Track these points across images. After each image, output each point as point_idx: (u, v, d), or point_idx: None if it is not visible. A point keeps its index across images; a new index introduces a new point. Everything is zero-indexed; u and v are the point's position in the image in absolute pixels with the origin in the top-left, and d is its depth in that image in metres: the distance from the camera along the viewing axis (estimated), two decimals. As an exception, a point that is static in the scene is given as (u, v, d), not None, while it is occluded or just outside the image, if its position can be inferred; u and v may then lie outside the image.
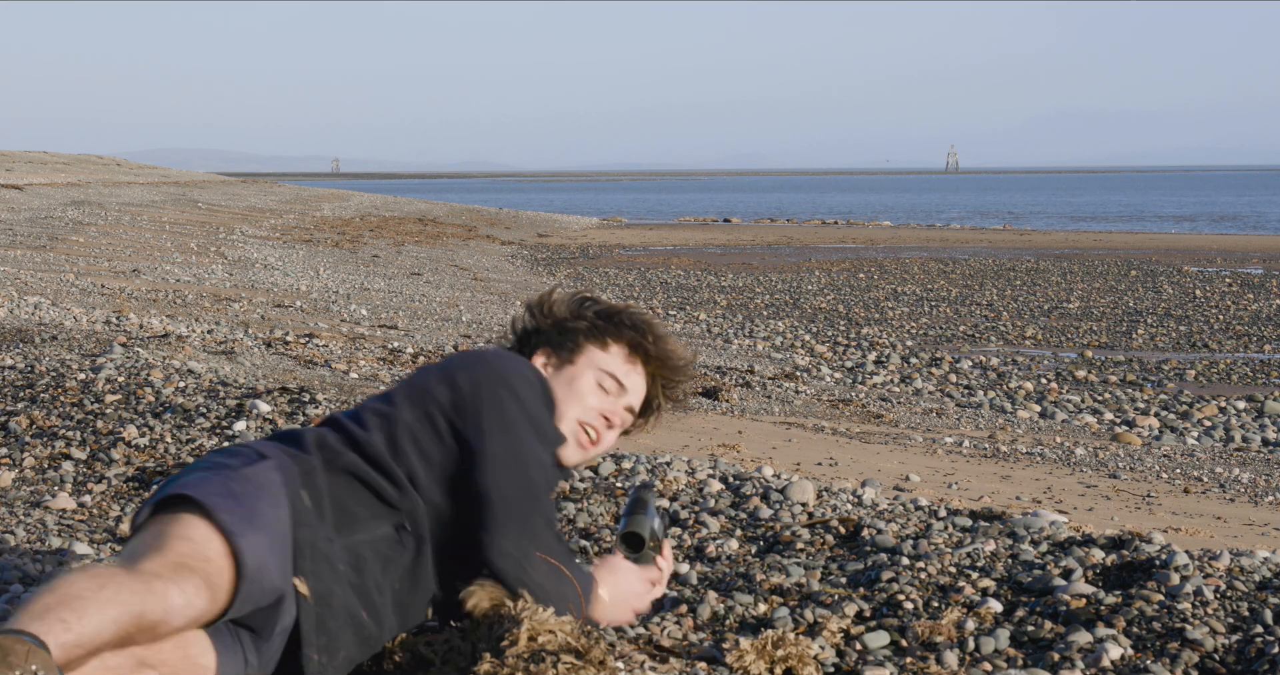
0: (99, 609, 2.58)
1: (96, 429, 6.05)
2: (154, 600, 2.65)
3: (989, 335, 18.01)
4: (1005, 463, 9.02)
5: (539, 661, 3.00)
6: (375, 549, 3.16)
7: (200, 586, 2.73)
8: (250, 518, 2.89)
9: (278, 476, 3.05)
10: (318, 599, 3.03)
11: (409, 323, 15.00)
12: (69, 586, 2.61)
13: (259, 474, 3.02)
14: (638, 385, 3.49)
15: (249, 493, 2.95)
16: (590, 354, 3.46)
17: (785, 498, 5.29)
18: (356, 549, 3.13)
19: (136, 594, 2.63)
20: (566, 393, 3.42)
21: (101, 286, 14.56)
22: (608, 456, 5.92)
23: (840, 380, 13.79)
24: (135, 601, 2.62)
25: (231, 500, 2.90)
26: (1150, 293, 23.49)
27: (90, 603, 2.58)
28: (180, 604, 2.69)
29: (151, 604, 2.65)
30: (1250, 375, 14.83)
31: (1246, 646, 3.60)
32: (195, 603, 2.72)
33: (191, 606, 2.71)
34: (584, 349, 3.47)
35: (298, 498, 3.06)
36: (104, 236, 22.62)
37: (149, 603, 2.64)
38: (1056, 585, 4.08)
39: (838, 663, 3.67)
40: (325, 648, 3.05)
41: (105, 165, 57.73)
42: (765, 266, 28.90)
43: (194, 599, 2.71)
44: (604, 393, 3.45)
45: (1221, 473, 9.20)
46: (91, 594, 2.60)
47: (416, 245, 30.31)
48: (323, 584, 3.05)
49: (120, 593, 2.62)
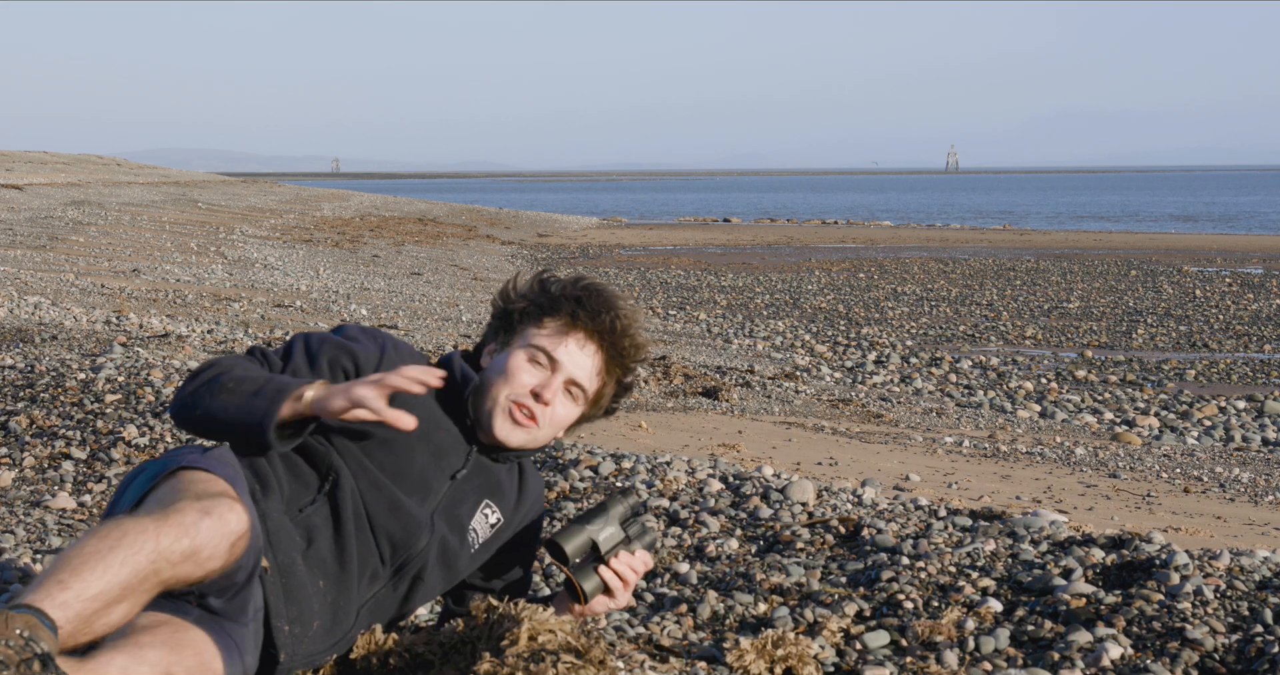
0: (100, 558, 2.58)
1: (96, 429, 6.05)
2: (172, 531, 2.64)
3: (989, 335, 18.02)
4: (1005, 462, 9.02)
5: (539, 661, 3.00)
6: (323, 515, 3.17)
7: (230, 505, 2.73)
8: (235, 478, 2.92)
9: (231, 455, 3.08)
10: (282, 570, 3.04)
11: (409, 322, 15.01)
12: (70, 549, 2.63)
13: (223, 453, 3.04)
14: (575, 358, 3.38)
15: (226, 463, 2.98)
16: (524, 333, 3.40)
17: (785, 497, 5.29)
18: (307, 519, 3.14)
19: (147, 532, 2.63)
20: (497, 374, 3.37)
21: (101, 286, 14.57)
22: (607, 456, 5.92)
23: (840, 380, 13.79)
24: (145, 540, 2.61)
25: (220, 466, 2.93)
26: (1150, 292, 23.50)
27: (90, 557, 2.58)
28: (210, 524, 2.68)
29: (170, 536, 2.63)
30: (1250, 375, 14.84)
31: (1246, 646, 3.60)
32: (229, 518, 2.71)
33: (225, 522, 2.70)
34: (519, 330, 3.42)
35: (249, 475, 3.09)
36: (104, 236, 22.63)
37: (165, 536, 2.63)
38: (1056, 585, 4.08)
39: (838, 662, 3.67)
40: (297, 619, 3.05)
41: (105, 165, 57.75)
42: (765, 266, 28.91)
43: (226, 515, 2.71)
44: (537, 368, 3.37)
45: (1221, 472, 9.20)
46: (94, 545, 2.60)
47: (416, 245, 30.33)
48: (285, 555, 3.06)
49: (127, 534, 2.61)
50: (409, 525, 3.23)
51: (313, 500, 3.16)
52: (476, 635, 3.17)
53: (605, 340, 3.41)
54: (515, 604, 3.17)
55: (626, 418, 8.99)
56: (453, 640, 3.20)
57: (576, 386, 3.40)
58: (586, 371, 3.40)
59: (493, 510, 3.42)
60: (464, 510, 3.35)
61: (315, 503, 3.16)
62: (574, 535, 3.35)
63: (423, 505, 3.26)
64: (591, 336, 3.40)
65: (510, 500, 3.47)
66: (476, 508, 3.38)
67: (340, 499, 3.17)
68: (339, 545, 3.16)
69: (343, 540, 3.16)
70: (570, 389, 3.40)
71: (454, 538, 3.33)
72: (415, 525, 3.24)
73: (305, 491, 3.17)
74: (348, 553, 3.17)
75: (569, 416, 3.42)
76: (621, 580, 3.38)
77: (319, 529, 3.15)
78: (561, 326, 3.39)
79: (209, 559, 2.69)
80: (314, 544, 3.13)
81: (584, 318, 3.39)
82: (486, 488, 3.41)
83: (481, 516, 3.40)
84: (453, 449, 3.34)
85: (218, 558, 2.71)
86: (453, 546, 3.33)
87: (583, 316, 3.39)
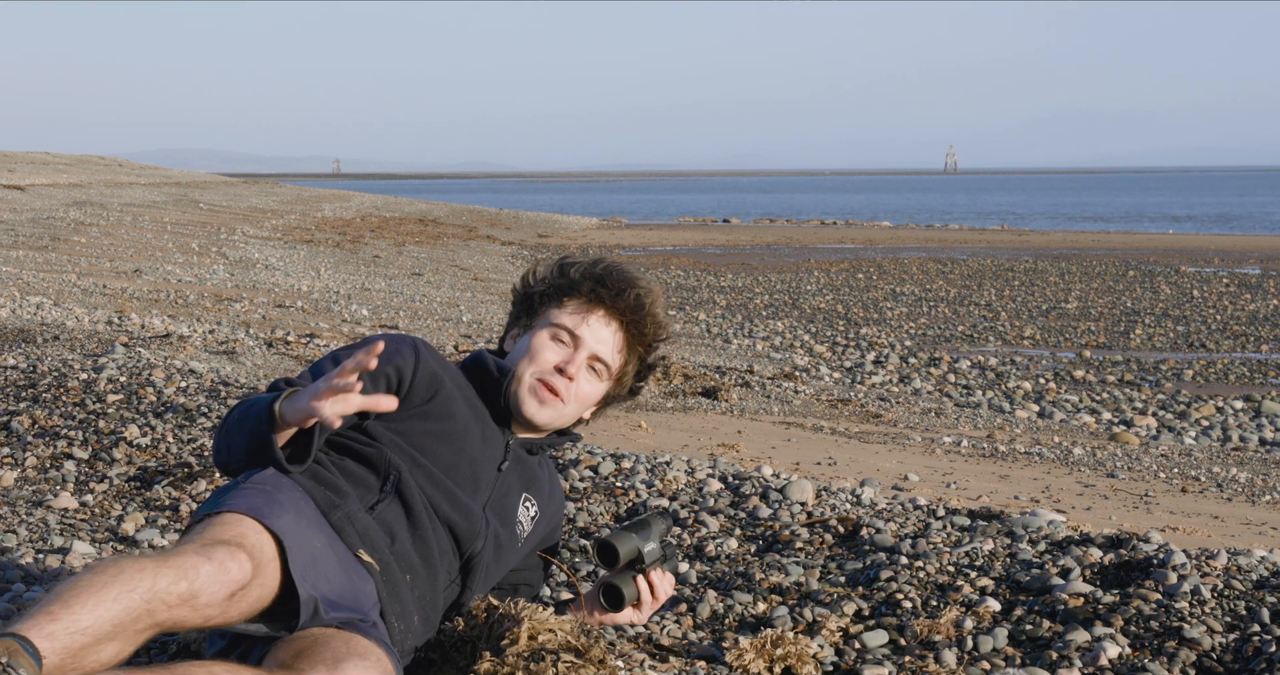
0: (94, 593, 2.58)
1: (98, 428, 6.06)
2: (170, 573, 2.65)
3: (987, 335, 18.03)
4: (1003, 462, 9.04)
5: (539, 660, 3.01)
6: (394, 511, 3.19)
7: (234, 552, 2.74)
8: (270, 503, 2.94)
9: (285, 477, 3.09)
10: (383, 568, 3.08)
11: (410, 323, 15.02)
12: (67, 581, 2.63)
13: (269, 477, 3.07)
14: (598, 335, 3.43)
15: (263, 489, 3.00)
16: (546, 314, 3.46)
17: (784, 497, 5.31)
18: (381, 516, 3.16)
19: (145, 571, 2.64)
20: (523, 356, 3.42)
21: (103, 287, 14.58)
22: (607, 456, 5.94)
23: (839, 380, 13.81)
24: (142, 579, 2.62)
25: (249, 497, 2.95)
26: (1148, 293, 23.51)
27: (84, 591, 2.59)
28: (210, 570, 2.69)
29: (168, 577, 2.64)
30: (1248, 375, 14.86)
31: (1244, 645, 3.62)
32: (230, 566, 2.72)
33: (226, 571, 2.71)
34: (540, 312, 3.47)
35: (314, 486, 3.10)
36: (106, 237, 22.63)
37: (164, 577, 2.64)
38: (1054, 584, 4.10)
39: (837, 661, 3.68)
40: (400, 614, 3.09)
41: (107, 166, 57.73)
42: (764, 267, 28.92)
43: (226, 562, 2.72)
44: (560, 346, 3.42)
45: (1219, 472, 9.22)
46: (89, 581, 2.61)
47: (417, 245, 30.33)
48: (379, 553, 3.10)
49: (123, 572, 2.63)
50: (469, 516, 3.25)
51: (379, 498, 3.17)
52: (476, 635, 3.18)
53: (626, 317, 3.46)
54: (515, 604, 3.18)
55: (626, 418, 9.01)
56: (453, 640, 3.22)
57: (600, 362, 3.44)
58: (609, 347, 3.45)
59: (532, 503, 3.45)
60: (510, 502, 3.38)
61: (384, 500, 3.17)
62: (627, 541, 3.40)
63: (474, 499, 3.28)
64: (613, 314, 3.45)
65: (545, 494, 3.50)
66: (519, 501, 3.41)
67: (408, 493, 3.19)
68: (418, 538, 3.18)
69: (420, 533, 3.18)
70: (594, 365, 3.44)
71: (505, 531, 3.36)
72: (474, 517, 3.26)
73: (369, 492, 3.18)
74: (428, 545, 3.19)
75: (594, 393, 3.46)
76: (654, 595, 3.45)
77: (395, 525, 3.16)
78: (582, 305, 3.44)
79: (206, 605, 2.69)
80: (397, 540, 3.15)
81: (605, 295, 3.44)
82: (525, 481, 3.44)
83: (524, 509, 3.42)
84: (494, 441, 3.37)
85: (215, 605, 2.70)
86: (504, 539, 3.36)
87: (603, 294, 3.44)
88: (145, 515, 5.03)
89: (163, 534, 4.81)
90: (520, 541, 3.42)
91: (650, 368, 3.56)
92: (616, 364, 3.47)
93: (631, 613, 3.46)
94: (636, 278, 3.50)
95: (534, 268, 3.56)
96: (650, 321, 3.49)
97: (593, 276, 3.46)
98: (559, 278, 3.49)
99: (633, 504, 5.28)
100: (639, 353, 3.51)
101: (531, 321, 3.48)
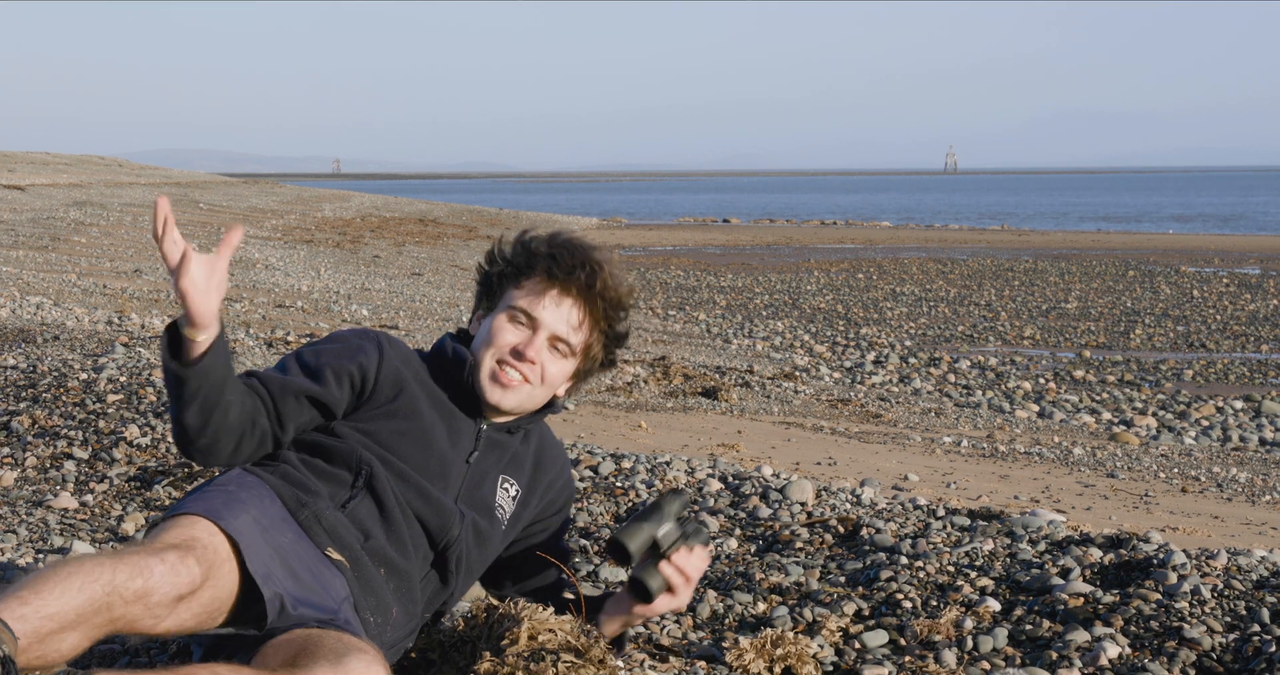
0: (59, 581, 2.66)
1: (98, 429, 6.07)
2: (127, 569, 2.71)
3: (987, 335, 18.04)
4: (1003, 462, 9.04)
5: (539, 660, 3.01)
6: (367, 507, 3.20)
7: (184, 556, 2.78)
8: (229, 503, 2.97)
9: (251, 476, 3.12)
10: (352, 563, 3.09)
11: (410, 323, 15.02)
12: (31, 574, 2.71)
13: (234, 477, 3.11)
14: (555, 315, 3.39)
15: (225, 489, 3.04)
16: (505, 296, 3.43)
17: (784, 497, 5.31)
18: (353, 513, 3.17)
19: (104, 566, 2.70)
20: (482, 340, 3.40)
21: (103, 287, 14.58)
22: (607, 456, 5.94)
23: (839, 380, 13.82)
24: (102, 572, 2.69)
25: (208, 498, 2.99)
26: (1148, 293, 23.52)
27: (51, 578, 2.67)
28: (163, 571, 2.74)
29: (125, 573, 2.70)
30: (1248, 375, 14.86)
31: (1244, 645, 3.62)
32: (180, 569, 2.76)
33: (176, 572, 2.76)
34: (500, 294, 3.45)
35: (282, 484, 3.12)
36: (106, 237, 22.63)
37: (121, 572, 2.70)
38: (1054, 584, 4.10)
39: (836, 661, 3.69)
40: (376, 608, 3.10)
41: (107, 166, 57.74)
42: (764, 267, 28.93)
43: (177, 565, 2.77)
44: (519, 327, 3.39)
45: (1219, 472, 9.22)
46: (53, 572, 2.69)
47: (417, 246, 30.34)
48: (349, 550, 3.11)
49: (85, 565, 2.69)
50: (441, 511, 3.25)
51: (351, 495, 3.18)
52: (476, 634, 3.18)
53: (582, 294, 3.41)
54: (515, 603, 3.18)
55: (626, 418, 9.02)
56: (453, 639, 3.22)
57: (562, 342, 3.40)
58: (567, 326, 3.40)
59: (511, 483, 3.42)
60: (486, 491, 3.36)
61: (356, 497, 3.18)
62: (636, 534, 3.33)
63: (445, 493, 3.28)
64: (568, 291, 3.40)
65: (526, 469, 3.46)
66: (496, 485, 3.39)
67: (380, 489, 3.19)
68: (392, 534, 3.19)
69: (394, 528, 3.19)
70: (556, 345, 3.40)
71: (483, 520, 3.35)
72: (446, 512, 3.26)
73: (340, 488, 3.19)
74: (403, 540, 3.19)
75: (561, 372, 3.43)
76: (684, 577, 3.36)
77: (368, 521, 3.17)
78: (537, 285, 3.40)
79: (157, 605, 2.73)
80: (370, 536, 3.16)
81: (559, 273, 3.39)
82: (502, 462, 3.41)
83: (503, 492, 3.40)
84: (463, 432, 3.36)
85: (165, 606, 2.74)
86: (484, 528, 3.35)
87: (557, 272, 3.39)
88: (145, 515, 5.04)
89: (163, 534, 4.82)
90: (504, 524, 3.41)
91: (619, 337, 3.51)
92: (579, 341, 3.42)
93: (668, 600, 3.38)
94: (591, 251, 3.44)
95: (497, 244, 3.51)
96: (609, 295, 3.43)
97: (546, 254, 3.41)
98: (516, 256, 3.45)
99: (632, 504, 5.28)
100: (601, 327, 3.45)
101: (493, 304, 3.45)
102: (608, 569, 4.46)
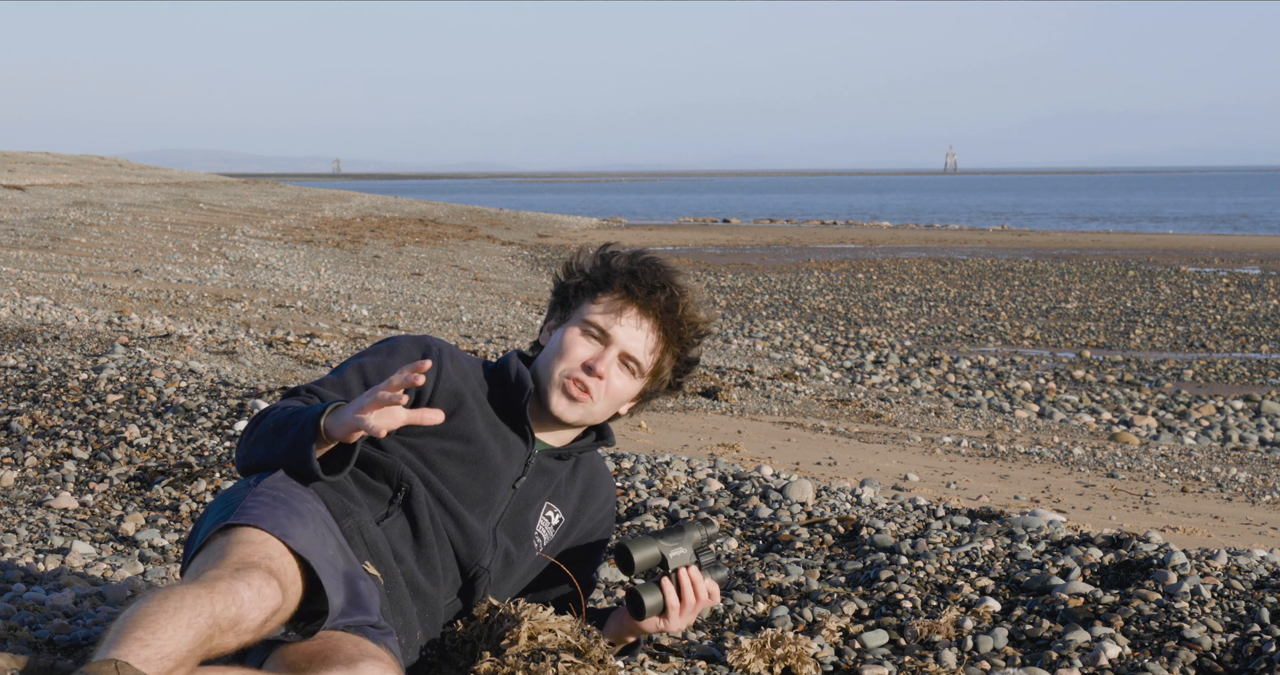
0: (169, 619, 2.64)
1: (98, 428, 6.07)
2: (222, 599, 2.70)
3: (987, 335, 18.04)
4: (1003, 462, 9.04)
5: (539, 660, 3.01)
6: (400, 527, 3.18)
7: (266, 577, 2.77)
8: (291, 516, 2.94)
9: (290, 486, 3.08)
10: (387, 581, 3.08)
11: (410, 323, 15.02)
12: (137, 609, 2.68)
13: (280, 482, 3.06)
14: (629, 333, 3.34)
15: (279, 498, 2.99)
16: (580, 309, 3.38)
17: (784, 497, 5.31)
18: (386, 531, 3.15)
19: (202, 598, 2.68)
20: (553, 351, 3.36)
21: (103, 287, 14.58)
22: (607, 456, 5.94)
23: (839, 380, 13.82)
24: (203, 605, 2.67)
25: (269, 509, 2.95)
26: (1148, 293, 23.52)
27: (159, 616, 2.64)
28: (250, 596, 2.73)
29: (221, 603, 2.69)
30: (1248, 375, 14.86)
31: (1244, 645, 3.62)
32: (266, 593, 2.75)
33: (263, 597, 2.75)
34: (575, 306, 3.40)
35: (327, 489, 3.10)
36: (106, 237, 22.63)
37: (218, 602, 2.69)
38: (1054, 584, 4.10)
39: (836, 661, 3.69)
40: (403, 628, 3.09)
41: (107, 166, 57.74)
42: (764, 267, 28.93)
43: (263, 589, 2.75)
44: (591, 342, 3.34)
45: (1219, 472, 9.22)
46: (158, 608, 2.66)
47: (417, 246, 30.33)
48: (385, 567, 3.09)
49: (185, 599, 2.67)
50: (473, 541, 3.21)
51: (387, 512, 3.16)
52: (476, 635, 3.18)
53: (660, 317, 3.37)
54: (515, 604, 3.18)
55: (626, 418, 9.01)
56: (453, 640, 3.22)
57: (632, 360, 3.36)
58: (641, 346, 3.35)
59: (555, 511, 3.37)
60: (529, 517, 3.32)
61: (391, 515, 3.15)
62: (644, 546, 3.26)
63: (484, 520, 3.24)
64: (646, 313, 3.36)
65: (571, 500, 3.41)
66: (540, 512, 3.34)
67: (416, 510, 3.16)
68: (422, 557, 3.16)
69: (425, 552, 3.16)
70: (626, 363, 3.36)
71: (517, 547, 3.30)
72: (479, 541, 3.22)
73: (379, 502, 3.16)
74: (432, 563, 3.17)
75: (626, 391, 3.38)
76: (682, 600, 3.27)
77: (399, 543, 3.15)
78: (615, 302, 3.35)
79: (245, 631, 2.73)
80: (403, 561, 3.14)
81: (638, 293, 3.35)
82: (548, 490, 3.36)
83: (544, 520, 3.35)
84: (513, 456, 3.30)
85: (251, 632, 2.74)
86: (516, 556, 3.31)
87: (637, 292, 3.35)
88: (145, 515, 5.04)
89: (162, 534, 4.81)
90: (537, 551, 3.37)
91: (691, 363, 3.46)
92: (650, 362, 3.38)
93: (657, 621, 3.29)
94: (673, 274, 3.40)
95: (577, 255, 3.46)
96: (685, 321, 3.39)
97: (627, 271, 3.37)
98: (595, 271, 3.40)
99: (633, 504, 5.28)
100: (674, 351, 3.41)
101: (567, 315, 3.40)
102: (607, 568, 4.46)
